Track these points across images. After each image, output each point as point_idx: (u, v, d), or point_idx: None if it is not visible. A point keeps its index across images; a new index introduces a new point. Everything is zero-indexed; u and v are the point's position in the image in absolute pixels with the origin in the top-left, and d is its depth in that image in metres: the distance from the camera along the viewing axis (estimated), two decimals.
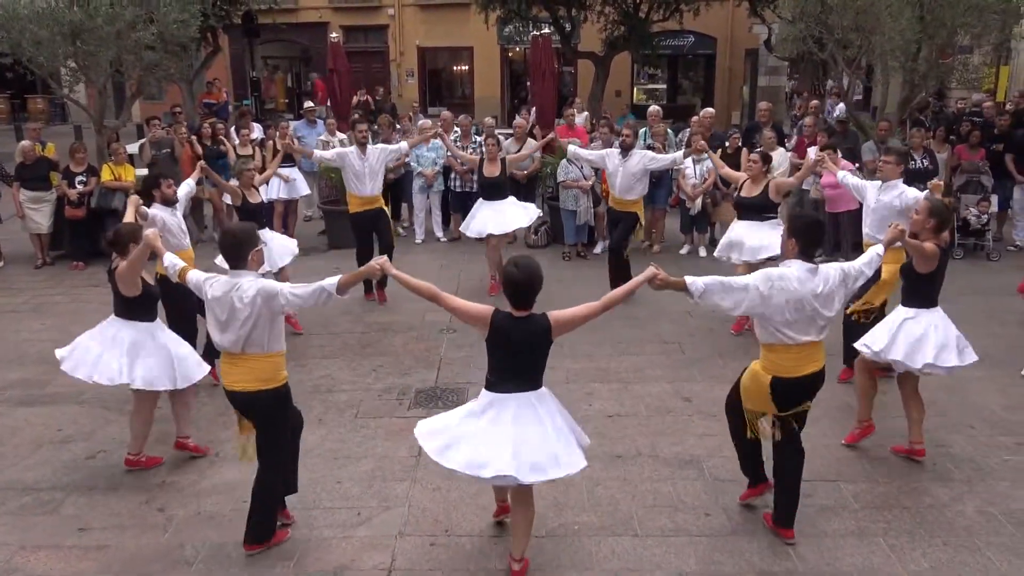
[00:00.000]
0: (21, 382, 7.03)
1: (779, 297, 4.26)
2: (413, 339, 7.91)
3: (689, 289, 4.23)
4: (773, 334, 4.39)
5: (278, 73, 30.37)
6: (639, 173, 8.65)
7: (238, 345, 4.35)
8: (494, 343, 4.08)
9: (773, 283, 4.27)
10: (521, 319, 4.06)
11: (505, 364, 4.11)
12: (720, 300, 4.29)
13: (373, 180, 8.77)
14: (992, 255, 10.56)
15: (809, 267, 4.36)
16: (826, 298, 4.36)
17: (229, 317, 4.31)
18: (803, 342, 4.37)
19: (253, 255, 4.43)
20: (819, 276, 4.36)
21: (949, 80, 13.13)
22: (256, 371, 4.39)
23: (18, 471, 5.55)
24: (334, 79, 13.82)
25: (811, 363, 4.43)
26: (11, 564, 4.52)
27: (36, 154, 10.83)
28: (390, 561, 4.49)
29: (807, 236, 4.43)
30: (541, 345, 4.09)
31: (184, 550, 4.62)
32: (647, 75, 29.40)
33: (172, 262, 4.90)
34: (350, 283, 4.30)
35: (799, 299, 4.27)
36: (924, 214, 5.35)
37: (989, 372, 6.81)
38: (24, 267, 10.83)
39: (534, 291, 4.05)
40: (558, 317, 4.08)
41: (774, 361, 4.46)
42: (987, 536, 4.65)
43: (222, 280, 4.41)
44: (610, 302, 4.18)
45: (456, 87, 29.03)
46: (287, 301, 4.30)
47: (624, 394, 6.60)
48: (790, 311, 4.29)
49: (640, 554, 4.53)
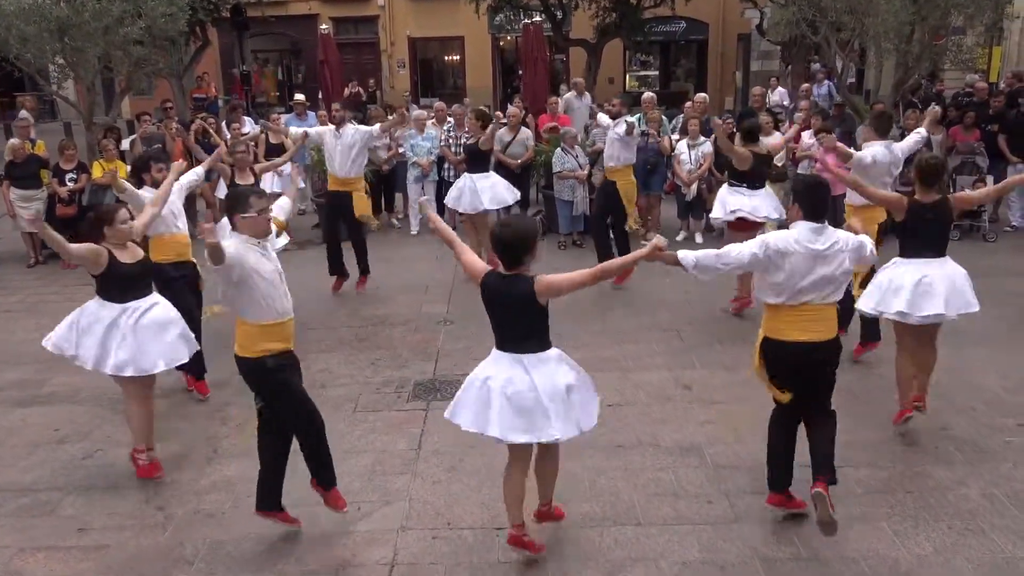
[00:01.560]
0: (17, 383, 6.98)
1: (776, 257, 4.24)
2: (410, 331, 7.88)
3: (682, 262, 4.23)
4: (768, 292, 4.38)
5: (268, 67, 30.17)
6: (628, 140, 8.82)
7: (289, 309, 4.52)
8: (484, 301, 4.16)
9: (768, 245, 4.26)
10: (507, 278, 4.07)
11: (496, 323, 4.16)
12: (716, 268, 4.30)
13: (344, 159, 8.68)
14: (989, 236, 10.55)
15: (813, 226, 4.32)
16: (830, 259, 4.28)
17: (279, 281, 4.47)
18: (801, 303, 4.30)
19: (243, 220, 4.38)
20: (824, 236, 4.31)
21: (942, 62, 13.10)
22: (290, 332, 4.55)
23: (15, 472, 5.50)
24: (325, 71, 13.74)
25: (807, 331, 4.32)
26: (11, 566, 4.48)
27: (26, 152, 10.74)
28: (392, 556, 4.47)
29: (810, 198, 4.39)
30: (526, 306, 4.04)
31: (184, 549, 4.59)
32: (639, 62, 29.28)
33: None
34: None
35: (798, 258, 4.24)
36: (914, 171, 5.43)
37: (989, 353, 6.81)
38: (17, 266, 10.75)
39: (521, 250, 4.03)
40: (543, 280, 4.03)
41: (768, 320, 4.44)
42: (991, 518, 4.63)
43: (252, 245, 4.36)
44: (605, 271, 4.20)
45: (448, 77, 28.88)
46: None
47: (624, 383, 6.57)
48: (787, 270, 4.25)
49: (643, 543, 4.51)
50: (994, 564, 4.25)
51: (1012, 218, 11.14)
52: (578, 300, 8.19)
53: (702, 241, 10.79)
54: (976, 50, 14.20)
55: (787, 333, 4.35)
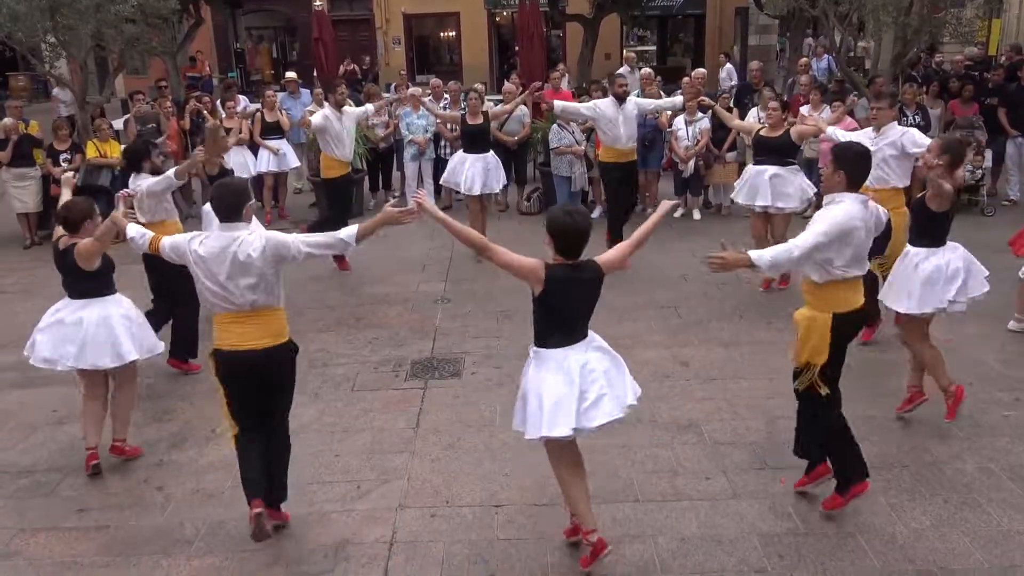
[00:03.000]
0: (14, 365, 6.96)
1: (842, 239, 4.17)
2: (407, 310, 7.87)
3: (756, 263, 4.11)
4: (832, 273, 4.23)
5: (263, 44, 29.93)
6: (637, 118, 8.66)
7: (247, 302, 4.12)
8: (552, 296, 3.95)
9: (841, 227, 4.13)
10: (576, 266, 4.00)
11: (566, 316, 4.04)
12: (792, 264, 4.24)
13: (349, 142, 8.86)
14: (987, 210, 10.52)
15: (862, 198, 4.27)
16: (870, 231, 4.30)
17: (232, 273, 4.06)
18: (855, 276, 4.29)
19: (247, 209, 4.22)
20: (869, 208, 4.29)
21: (941, 34, 13.01)
22: (270, 326, 4.22)
23: (14, 454, 5.51)
24: (319, 48, 13.63)
25: (861, 296, 4.37)
26: (10, 547, 4.50)
27: (19, 131, 10.67)
28: (391, 534, 4.48)
29: (856, 166, 4.29)
30: (596, 290, 4.10)
31: (184, 529, 4.61)
32: (636, 37, 29.03)
33: (139, 232, 4.59)
34: (369, 231, 4.22)
35: (860, 233, 4.21)
36: (936, 151, 5.20)
37: (985, 328, 6.81)
38: (13, 248, 10.71)
39: (585, 241, 3.99)
40: (605, 259, 4.07)
41: (829, 299, 4.28)
42: (988, 492, 4.66)
43: (213, 236, 4.17)
44: (642, 237, 4.25)
45: (444, 54, 28.64)
46: (298, 251, 4.12)
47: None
48: (855, 246, 4.21)
49: (641, 520, 4.53)
50: (990, 537, 4.27)
51: (1010, 192, 11.10)
52: None
53: (700, 218, 10.77)
54: (975, 23, 14.09)
55: (855, 303, 4.33)
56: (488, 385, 6.24)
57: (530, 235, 9.81)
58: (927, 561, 4.12)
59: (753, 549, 4.26)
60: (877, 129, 6.54)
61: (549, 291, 3.93)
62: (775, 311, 7.41)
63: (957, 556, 4.15)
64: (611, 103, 8.57)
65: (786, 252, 4.13)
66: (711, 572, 4.11)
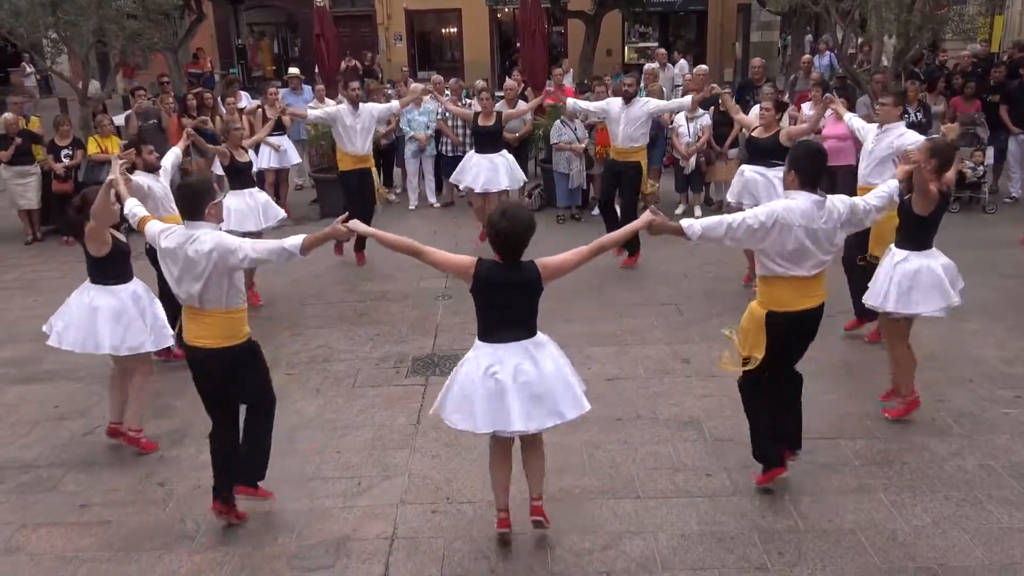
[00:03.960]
0: (15, 360, 6.99)
1: (782, 230, 4.17)
2: (409, 307, 7.87)
3: (686, 233, 4.17)
4: (770, 267, 4.30)
5: (264, 40, 29.90)
6: (642, 119, 8.50)
7: (195, 299, 4.23)
8: (481, 293, 4.01)
9: (777, 217, 4.17)
10: (509, 267, 3.99)
11: (495, 314, 4.03)
12: (722, 239, 4.23)
13: (364, 138, 8.78)
14: (988, 207, 10.51)
15: (816, 199, 4.25)
16: (828, 233, 4.26)
17: (183, 270, 4.19)
18: (801, 276, 4.28)
19: (211, 208, 4.29)
20: (824, 211, 4.25)
21: (943, 31, 12.97)
22: (217, 327, 4.28)
23: (16, 449, 5.52)
24: (321, 45, 13.62)
25: (808, 298, 4.34)
26: (12, 542, 4.51)
27: (18, 127, 10.66)
28: (392, 530, 4.49)
29: (809, 165, 4.30)
30: (531, 293, 4.01)
31: (185, 524, 4.62)
32: (638, 33, 28.97)
33: (132, 210, 4.75)
34: (314, 244, 4.16)
35: (801, 232, 4.18)
36: (925, 154, 5.12)
37: (987, 325, 6.81)
38: (15, 244, 10.72)
39: (522, 243, 3.95)
40: (548, 264, 4.01)
41: (771, 294, 4.37)
42: (988, 490, 4.66)
43: (177, 231, 4.28)
44: (602, 246, 4.13)
45: (445, 50, 28.61)
46: (245, 257, 4.14)
47: (622, 357, 6.58)
48: (792, 243, 4.19)
49: (642, 516, 4.54)
50: (991, 534, 4.28)
51: (1012, 189, 11.09)
52: (577, 275, 8.16)
53: (701, 214, 10.74)
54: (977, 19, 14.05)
55: (794, 304, 4.33)
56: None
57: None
58: (927, 558, 4.12)
59: (753, 546, 4.27)
60: (880, 126, 6.52)
61: (477, 288, 4.01)
62: None
63: (958, 553, 4.15)
64: (618, 103, 8.57)
65: (717, 225, 4.19)
66: (711, 568, 4.12)
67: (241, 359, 4.39)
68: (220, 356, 4.31)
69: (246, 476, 4.60)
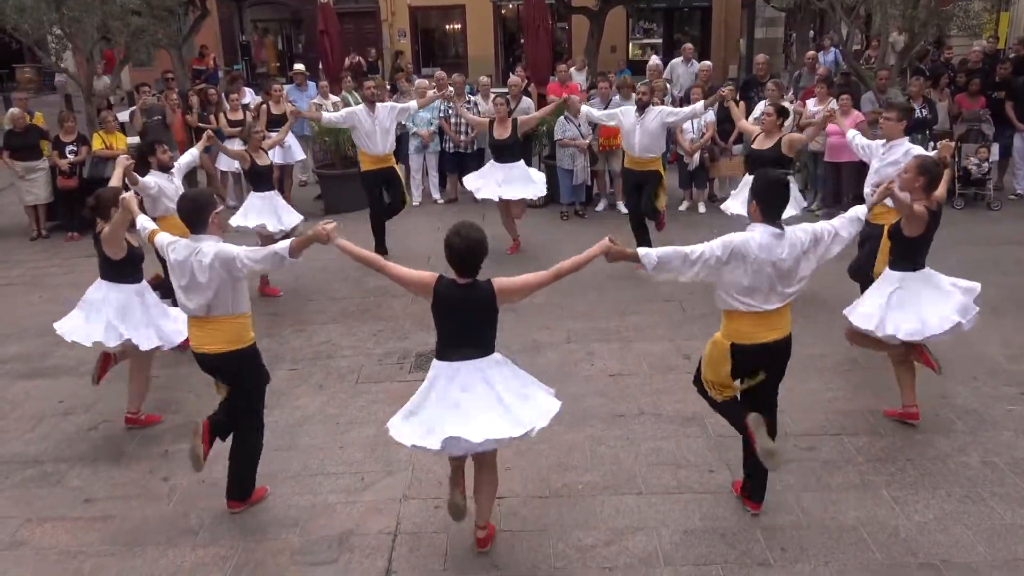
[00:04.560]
0: (21, 355, 7.01)
1: (737, 264, 4.04)
2: (412, 302, 7.86)
3: (642, 261, 4.04)
4: (729, 302, 4.17)
5: (268, 36, 29.91)
6: (658, 130, 8.29)
7: (203, 308, 4.38)
8: (438, 311, 4.03)
9: (733, 249, 4.03)
10: (465, 286, 3.98)
11: (451, 332, 4.03)
12: (675, 270, 4.08)
13: (384, 138, 8.77)
14: (993, 204, 10.48)
15: (775, 232, 4.08)
16: (792, 265, 4.10)
17: (190, 282, 4.34)
18: (764, 309, 4.13)
19: (213, 218, 4.43)
20: (785, 241, 4.08)
21: (949, 27, 12.94)
22: (223, 333, 4.43)
23: (21, 444, 5.54)
24: (325, 41, 13.62)
25: (772, 330, 4.18)
26: (17, 537, 4.53)
27: (26, 122, 10.69)
28: (395, 525, 4.50)
29: (768, 196, 4.12)
30: (485, 312, 4.00)
31: (189, 519, 4.64)
32: (642, 29, 28.94)
33: (143, 224, 4.93)
34: (301, 247, 4.24)
35: (759, 266, 4.03)
36: (913, 172, 5.02)
37: (991, 322, 6.78)
38: (20, 239, 10.75)
39: (476, 260, 3.94)
40: (503, 285, 3.98)
41: (733, 328, 4.22)
42: (991, 486, 4.66)
43: (183, 244, 4.42)
44: (560, 272, 4.05)
45: (449, 47, 28.59)
46: (243, 265, 4.28)
47: (626, 353, 6.58)
48: (749, 278, 4.05)
49: (644, 512, 4.54)
50: (993, 531, 4.28)
51: (1017, 186, 11.06)
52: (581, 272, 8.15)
53: (705, 211, 10.75)
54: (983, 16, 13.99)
55: (757, 337, 4.18)
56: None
57: (532, 227, 9.83)
58: (930, 554, 4.13)
59: (756, 542, 4.27)
60: (885, 141, 6.36)
61: (436, 305, 4.02)
62: None
63: (960, 549, 4.16)
64: (632, 113, 8.36)
65: (673, 256, 4.04)
66: (714, 564, 4.12)
67: (243, 363, 4.52)
68: (226, 360, 4.46)
69: (236, 493, 4.70)
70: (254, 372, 4.61)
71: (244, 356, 4.51)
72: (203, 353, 4.49)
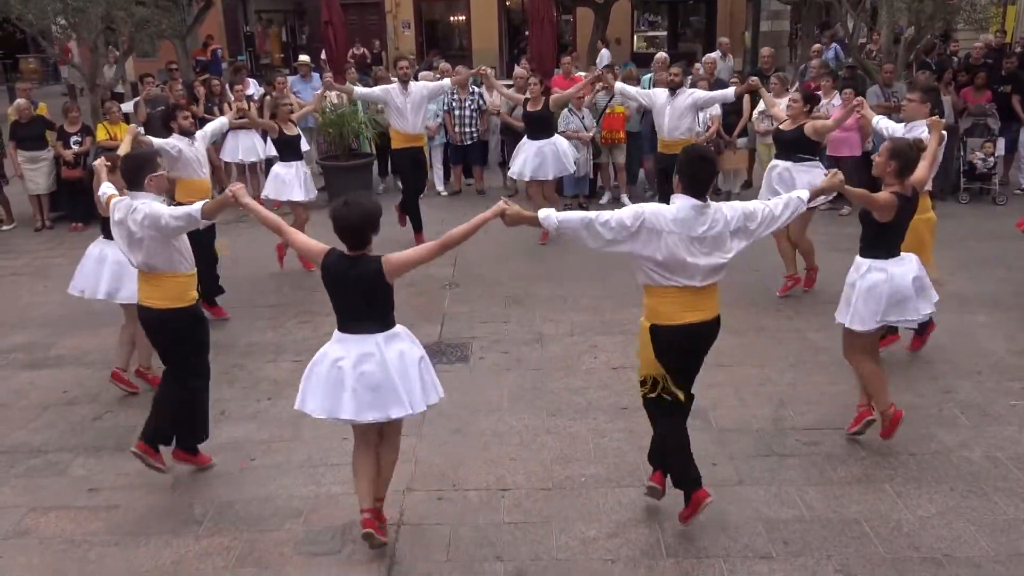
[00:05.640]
0: (25, 345, 7.03)
1: (650, 237, 3.88)
2: (415, 294, 7.88)
3: (542, 224, 3.95)
4: (648, 275, 3.99)
5: (272, 27, 29.88)
6: (687, 110, 8.40)
7: (144, 265, 4.65)
8: (327, 284, 4.07)
9: (644, 220, 3.88)
10: (353, 259, 3.96)
11: (342, 305, 4.06)
12: (580, 235, 3.93)
13: (415, 116, 8.87)
14: (998, 199, 10.45)
15: (695, 204, 3.91)
16: (714, 240, 3.92)
17: (129, 238, 4.59)
18: (683, 286, 3.95)
19: (151, 179, 4.65)
20: (706, 216, 3.92)
21: (955, 20, 12.88)
22: (163, 290, 4.66)
23: (25, 433, 5.56)
24: (329, 32, 13.60)
25: (694, 311, 3.99)
26: (22, 525, 4.55)
27: (31, 113, 10.70)
28: (398, 516, 4.51)
29: (691, 170, 3.96)
30: (375, 287, 3.97)
31: (193, 509, 4.65)
32: (647, 22, 28.92)
33: (103, 191, 5.07)
34: (214, 209, 4.46)
35: (675, 241, 3.87)
36: (884, 155, 4.77)
37: (996, 317, 6.79)
38: (24, 230, 10.77)
39: (363, 232, 3.92)
40: (391, 259, 3.94)
41: (652, 306, 4.06)
42: (994, 481, 4.65)
43: (123, 203, 4.63)
44: (449, 241, 4.00)
45: (453, 38, 28.53)
46: (166, 223, 4.47)
47: (629, 346, 6.55)
48: (663, 251, 3.88)
49: (647, 504, 4.54)
50: (996, 525, 4.28)
51: (1022, 181, 11.03)
52: (584, 262, 8.18)
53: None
54: (990, 9, 13.94)
55: (677, 317, 3.99)
56: (496, 370, 6.25)
57: None
58: (932, 549, 4.13)
59: (758, 535, 4.27)
60: (906, 123, 6.13)
61: (324, 278, 4.07)
62: (785, 300, 7.41)
63: (962, 544, 4.15)
64: (664, 93, 8.48)
65: (578, 221, 3.93)
66: (716, 557, 4.13)
67: (188, 321, 4.76)
68: (168, 317, 4.70)
69: (187, 441, 4.94)
70: (192, 331, 4.81)
71: (183, 314, 4.71)
72: (146, 307, 4.72)
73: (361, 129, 11.25)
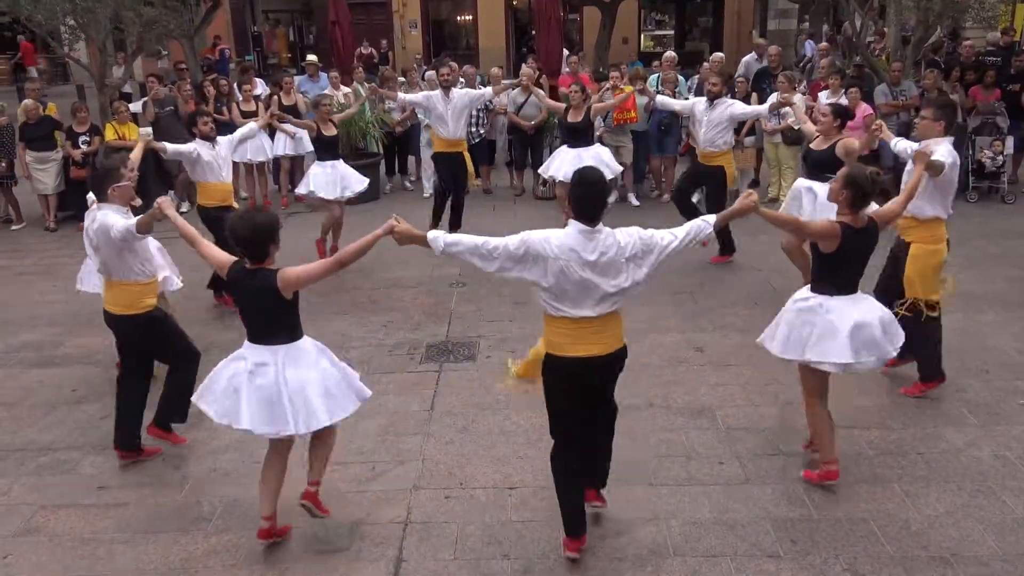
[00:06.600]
0: (34, 344, 7.06)
1: (536, 263, 3.75)
2: (423, 294, 7.90)
3: (431, 245, 3.85)
4: (541, 302, 3.87)
5: (279, 27, 29.94)
6: (724, 123, 8.22)
7: (103, 270, 4.94)
8: (232, 295, 4.22)
9: (528, 247, 3.74)
10: (252, 272, 4.00)
11: (246, 316, 4.11)
12: (471, 260, 3.85)
13: (456, 122, 8.93)
14: (1007, 198, 10.41)
15: (584, 229, 3.73)
16: (605, 268, 3.74)
17: (90, 244, 4.97)
18: (578, 316, 3.78)
19: (113, 190, 4.86)
20: (596, 241, 3.74)
21: (964, 19, 12.84)
22: (116, 296, 4.93)
23: (34, 432, 5.59)
24: (336, 32, 13.62)
25: (589, 344, 3.83)
26: (32, 523, 4.58)
27: (39, 113, 10.75)
28: (405, 514, 4.52)
29: (580, 194, 3.78)
30: (270, 301, 3.97)
31: (201, 507, 4.67)
32: (654, 21, 28.89)
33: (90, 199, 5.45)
34: (145, 223, 4.62)
35: (563, 267, 3.71)
36: (840, 182, 4.35)
37: (1004, 316, 6.77)
38: (34, 229, 10.82)
39: (260, 245, 3.93)
40: (286, 274, 3.94)
41: (548, 336, 3.91)
42: (1003, 480, 4.64)
43: (91, 211, 4.96)
44: (344, 258, 4.02)
45: (460, 38, 28.55)
46: (115, 234, 4.67)
47: (636, 345, 6.50)
48: (550, 280, 3.74)
49: (654, 503, 4.55)
50: (1004, 525, 4.26)
51: None
52: None
53: None
54: (999, 7, 13.86)
55: (570, 349, 3.83)
56: (502, 369, 6.25)
57: (544, 220, 9.81)
58: (940, 548, 4.12)
59: (766, 534, 4.27)
60: (920, 141, 5.60)
61: (228, 289, 4.19)
62: None
63: (971, 543, 4.15)
64: (703, 103, 8.37)
65: (465, 245, 3.83)
66: (723, 556, 4.13)
67: (142, 328, 4.98)
68: (120, 322, 4.97)
69: (163, 418, 5.15)
70: (146, 336, 5.02)
71: (135, 320, 4.93)
72: (105, 310, 5.02)
73: (368, 129, 11.27)
